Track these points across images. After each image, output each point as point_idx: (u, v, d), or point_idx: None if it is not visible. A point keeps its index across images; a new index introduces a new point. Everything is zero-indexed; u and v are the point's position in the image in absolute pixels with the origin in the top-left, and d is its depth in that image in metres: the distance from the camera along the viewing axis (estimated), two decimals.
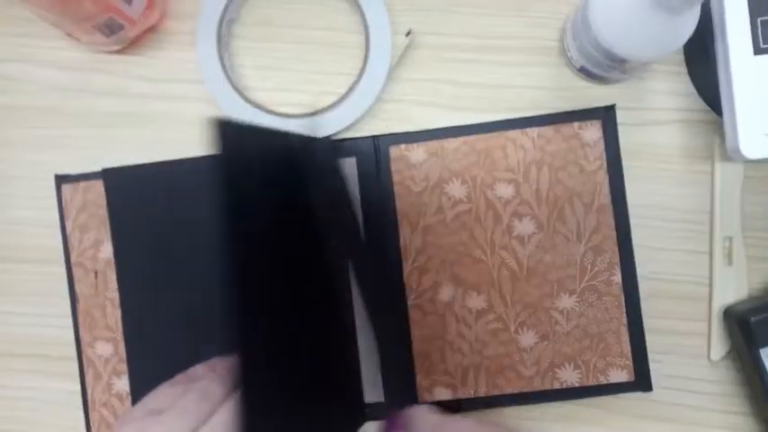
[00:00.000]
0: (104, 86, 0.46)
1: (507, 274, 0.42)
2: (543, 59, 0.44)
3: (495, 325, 0.42)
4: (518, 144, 0.42)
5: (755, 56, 0.39)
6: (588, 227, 0.42)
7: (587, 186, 0.42)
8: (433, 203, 0.42)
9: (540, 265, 0.42)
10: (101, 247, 0.44)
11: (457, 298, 0.42)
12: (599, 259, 0.42)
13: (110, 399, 0.44)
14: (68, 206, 0.44)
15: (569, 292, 0.42)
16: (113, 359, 0.44)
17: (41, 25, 0.43)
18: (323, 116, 0.43)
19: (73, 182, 0.44)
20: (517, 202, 0.42)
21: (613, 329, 0.42)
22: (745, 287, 0.43)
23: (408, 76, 0.45)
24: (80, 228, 0.44)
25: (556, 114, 0.42)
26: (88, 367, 0.44)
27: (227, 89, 0.43)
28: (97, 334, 0.44)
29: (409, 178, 0.43)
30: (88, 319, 0.44)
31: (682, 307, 0.43)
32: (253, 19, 0.45)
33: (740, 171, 0.43)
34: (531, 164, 0.42)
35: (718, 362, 0.43)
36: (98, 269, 0.44)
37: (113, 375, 0.44)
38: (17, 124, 0.46)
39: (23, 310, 0.46)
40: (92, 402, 0.44)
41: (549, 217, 0.42)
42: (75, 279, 0.44)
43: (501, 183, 0.42)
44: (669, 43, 0.37)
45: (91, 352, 0.44)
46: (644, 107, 0.44)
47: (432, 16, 0.44)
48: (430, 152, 0.43)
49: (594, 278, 0.42)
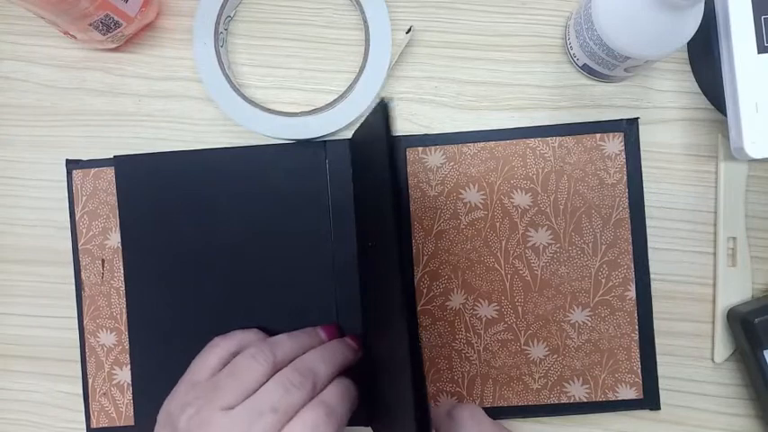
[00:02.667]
0: (101, 85, 0.45)
1: (520, 284, 0.42)
2: (545, 57, 0.44)
3: (505, 335, 0.42)
4: (538, 153, 0.42)
5: (759, 54, 0.38)
6: (605, 240, 0.41)
7: (606, 199, 0.41)
8: (449, 208, 0.42)
9: (554, 277, 0.41)
10: (109, 235, 0.43)
11: (467, 305, 0.42)
12: (614, 274, 0.41)
13: (110, 389, 0.43)
14: (78, 192, 0.44)
15: (582, 306, 0.41)
16: (116, 349, 0.43)
17: (37, 23, 0.43)
18: (322, 114, 0.43)
19: (84, 168, 0.44)
20: (534, 212, 0.42)
21: (624, 346, 0.41)
22: (749, 288, 0.42)
23: (408, 73, 0.44)
24: (89, 214, 0.44)
25: (578, 124, 0.42)
26: (90, 356, 0.43)
27: (225, 87, 0.43)
28: (101, 323, 0.43)
29: (425, 182, 0.42)
30: (92, 308, 0.43)
31: (685, 308, 0.43)
32: (250, 16, 0.45)
33: (744, 170, 0.43)
34: (551, 173, 0.42)
35: (722, 363, 0.43)
36: (105, 257, 0.43)
37: (115, 365, 0.43)
38: (13, 123, 0.45)
39: (21, 312, 0.45)
40: (92, 391, 0.43)
41: (566, 228, 0.41)
42: (82, 266, 0.44)
43: (518, 191, 0.42)
44: (672, 41, 0.36)
45: (94, 341, 0.43)
46: (647, 106, 0.43)
47: (432, 13, 0.44)
48: (448, 156, 0.42)
49: (608, 293, 0.41)
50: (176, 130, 0.45)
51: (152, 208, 0.43)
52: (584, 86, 0.43)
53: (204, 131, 0.45)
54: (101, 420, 0.43)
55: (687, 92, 0.43)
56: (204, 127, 0.45)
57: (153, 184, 0.43)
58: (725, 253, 0.42)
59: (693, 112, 0.43)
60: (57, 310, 0.45)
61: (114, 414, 0.43)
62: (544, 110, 0.43)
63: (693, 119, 0.43)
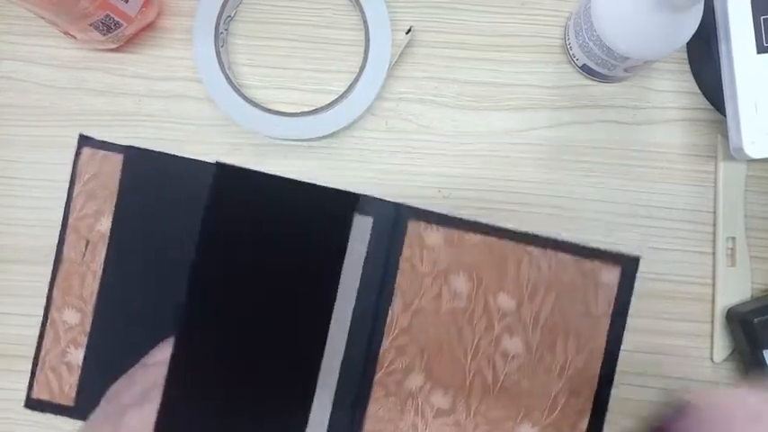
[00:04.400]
0: (101, 85, 0.45)
1: (480, 384, 0.41)
2: (545, 57, 0.44)
3: (452, 429, 0.41)
4: (535, 262, 0.41)
5: (759, 54, 0.38)
6: (573, 367, 0.41)
7: (586, 328, 0.41)
8: (433, 290, 0.42)
9: (514, 387, 0.41)
10: (101, 219, 0.43)
11: (424, 389, 0.41)
12: (572, 401, 0.41)
13: (59, 365, 0.43)
14: (82, 169, 0.44)
15: (532, 423, 0.41)
16: (76, 329, 0.43)
17: (38, 23, 0.43)
18: (322, 114, 0.43)
19: (94, 147, 0.43)
20: (513, 318, 0.41)
21: None
22: (748, 288, 0.42)
23: (408, 73, 0.44)
24: (86, 194, 0.44)
25: (582, 247, 0.41)
26: (50, 328, 0.44)
27: (225, 87, 0.43)
28: (69, 301, 0.44)
29: (419, 257, 0.42)
30: (65, 284, 0.43)
31: (684, 308, 0.43)
32: (250, 16, 0.45)
33: (743, 170, 0.43)
34: (541, 286, 0.41)
35: (721, 363, 0.43)
36: (91, 239, 0.43)
37: (71, 344, 0.43)
38: (13, 123, 0.45)
39: (21, 312, 0.45)
40: (41, 362, 0.43)
41: (540, 344, 0.41)
42: (66, 241, 0.44)
43: (505, 294, 0.41)
44: (672, 41, 0.36)
45: (57, 316, 0.43)
46: (646, 106, 0.43)
47: (432, 13, 0.44)
48: (447, 239, 0.41)
49: (561, 418, 0.41)
50: (176, 130, 0.45)
51: (149, 204, 0.43)
52: (584, 87, 0.44)
53: (204, 131, 0.45)
54: (41, 393, 0.43)
55: (686, 92, 0.43)
56: (204, 127, 0.45)
57: (157, 183, 0.43)
58: (724, 253, 0.42)
59: (693, 113, 0.43)
60: None
61: (57, 390, 0.43)
62: (544, 110, 0.43)
63: (693, 119, 0.43)
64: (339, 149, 0.44)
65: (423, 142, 0.44)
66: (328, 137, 0.44)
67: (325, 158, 0.44)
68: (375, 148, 0.44)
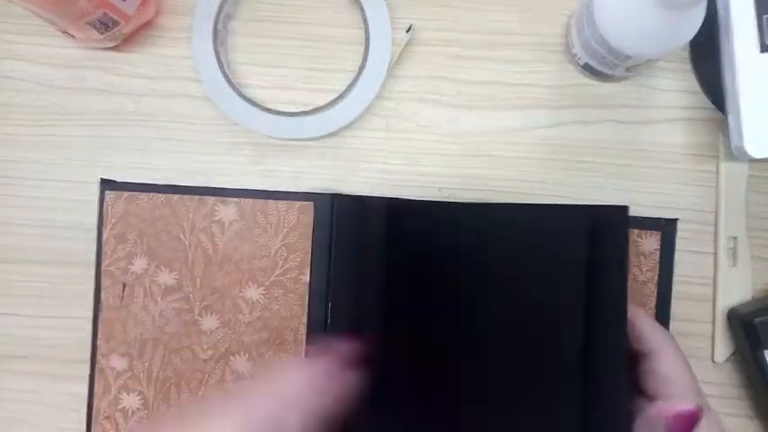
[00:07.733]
0: (100, 84, 0.45)
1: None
2: (547, 56, 0.43)
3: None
4: None
5: (761, 54, 0.38)
6: None
7: (634, 295, 0.41)
8: None
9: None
10: (133, 260, 0.44)
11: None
12: None
13: (114, 413, 0.43)
14: (108, 213, 0.44)
15: None
16: (125, 374, 0.43)
17: (35, 22, 0.43)
18: (322, 114, 0.43)
19: (117, 189, 0.44)
20: None
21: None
22: (749, 288, 0.42)
23: (409, 72, 0.44)
24: (116, 237, 0.44)
25: None
26: (99, 377, 0.44)
27: (224, 87, 0.43)
28: (114, 346, 0.44)
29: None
30: (108, 330, 0.44)
31: (685, 308, 0.43)
32: (249, 15, 0.45)
33: (745, 170, 0.42)
34: None
35: (722, 363, 0.43)
36: (127, 282, 0.44)
37: (123, 390, 0.43)
38: (12, 123, 0.45)
39: (22, 312, 0.45)
40: (96, 412, 0.43)
41: None
42: (103, 287, 0.44)
43: None
44: (674, 40, 0.36)
45: (104, 362, 0.44)
46: (648, 105, 0.43)
47: (433, 11, 0.44)
48: None
49: None
50: (176, 130, 0.45)
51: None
52: (586, 86, 0.43)
53: (203, 131, 0.44)
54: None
55: (688, 91, 0.43)
56: (204, 126, 0.44)
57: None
58: (725, 253, 0.42)
59: (694, 112, 0.43)
60: (57, 310, 0.45)
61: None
62: (545, 109, 0.43)
63: (694, 118, 0.43)
64: (339, 149, 0.44)
65: (423, 142, 0.44)
66: (328, 136, 0.44)
67: (325, 158, 0.44)
68: (375, 147, 0.44)
